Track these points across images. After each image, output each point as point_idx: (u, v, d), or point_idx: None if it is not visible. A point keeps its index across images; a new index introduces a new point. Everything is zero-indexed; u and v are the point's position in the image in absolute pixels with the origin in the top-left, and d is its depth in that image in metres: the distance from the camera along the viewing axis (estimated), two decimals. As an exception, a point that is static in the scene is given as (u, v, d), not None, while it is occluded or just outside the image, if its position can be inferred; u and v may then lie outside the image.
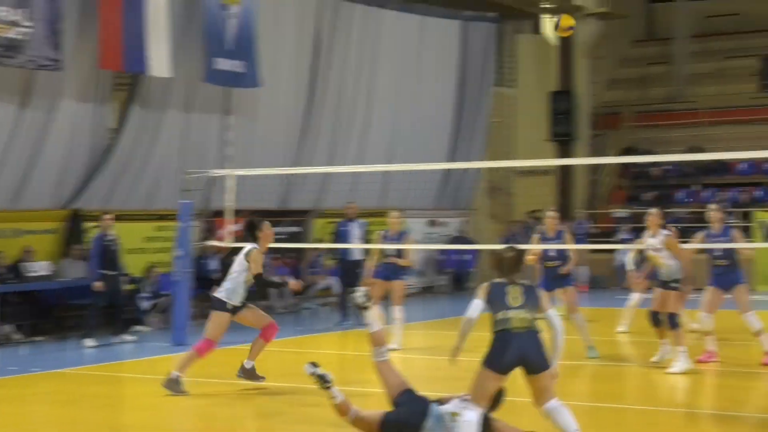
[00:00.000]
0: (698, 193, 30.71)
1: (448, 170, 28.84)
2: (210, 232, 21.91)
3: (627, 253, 18.58)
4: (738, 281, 14.79)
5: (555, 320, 9.17)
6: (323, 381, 9.10)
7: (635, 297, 18.46)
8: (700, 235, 14.97)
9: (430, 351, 16.67)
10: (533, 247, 15.46)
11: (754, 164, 31.33)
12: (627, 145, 32.48)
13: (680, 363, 13.82)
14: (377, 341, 9.48)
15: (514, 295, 8.96)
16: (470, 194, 30.33)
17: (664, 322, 14.33)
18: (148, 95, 21.92)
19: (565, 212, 28.85)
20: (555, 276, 15.50)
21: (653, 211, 14.70)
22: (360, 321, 16.88)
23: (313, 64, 25.51)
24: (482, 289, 9.17)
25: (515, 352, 8.67)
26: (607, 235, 28.74)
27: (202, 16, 22.09)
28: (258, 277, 12.54)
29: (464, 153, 29.68)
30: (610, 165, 31.78)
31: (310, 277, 23.50)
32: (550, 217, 15.83)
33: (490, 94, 30.91)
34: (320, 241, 24.40)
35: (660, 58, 35.13)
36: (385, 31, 27.35)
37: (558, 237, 15.63)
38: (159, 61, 20.77)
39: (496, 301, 8.99)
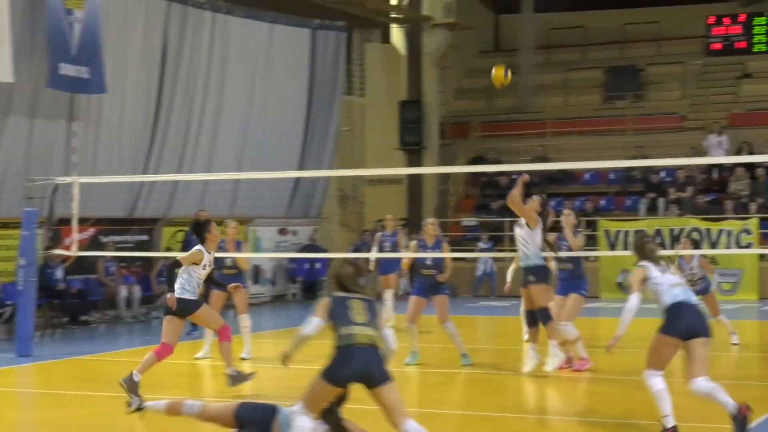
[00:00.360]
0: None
1: (298, 178, 28.74)
2: (55, 240, 21.32)
3: (487, 261, 18.85)
4: (577, 289, 14.82)
5: (390, 339, 9.15)
6: (139, 409, 9.51)
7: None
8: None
9: (279, 360, 16.42)
10: (407, 255, 15.81)
11: (599, 174, 32.00)
12: (475, 154, 32.85)
13: (554, 358, 14.07)
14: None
15: (358, 310, 8.78)
16: (321, 202, 30.29)
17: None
18: (-11, 100, 21.31)
19: (415, 221, 29.06)
20: (430, 284, 15.45)
21: (535, 198, 14.48)
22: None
23: (160, 70, 25.13)
24: (322, 306, 8.91)
25: (357, 367, 8.50)
26: (456, 243, 28.95)
27: (46, 21, 21.55)
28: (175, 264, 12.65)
29: (314, 161, 29.62)
30: (459, 174, 32.10)
31: (159, 286, 23.10)
32: (430, 224, 15.80)
33: (339, 103, 30.91)
34: (169, 249, 24.02)
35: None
36: (234, 38, 27.12)
37: (436, 246, 15.57)
38: (1, 65, 20.18)
39: (339, 315, 8.76)
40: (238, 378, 12.77)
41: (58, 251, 19.65)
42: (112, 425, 10.84)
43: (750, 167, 28.92)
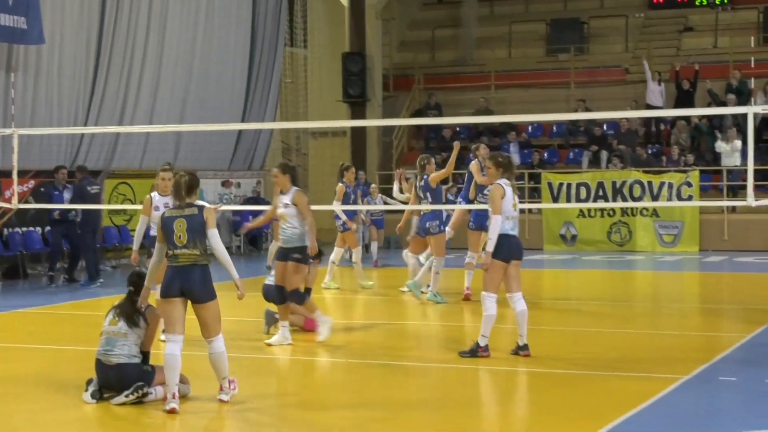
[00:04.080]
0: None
1: (241, 131, 28.58)
2: (-5, 193, 21.08)
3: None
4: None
5: (215, 241, 9.73)
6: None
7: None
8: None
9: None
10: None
11: (542, 127, 32.10)
12: (419, 106, 32.81)
13: (324, 329, 12.99)
14: None
15: (180, 232, 9.52)
16: (264, 155, 30.15)
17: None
18: (-76, 52, 20.94)
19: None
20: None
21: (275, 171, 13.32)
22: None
23: (100, 20, 24.77)
24: (158, 226, 9.74)
25: (179, 284, 9.41)
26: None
27: (-19, -31, 21.16)
28: None
29: (257, 113, 29.48)
30: (402, 126, 32.05)
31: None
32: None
33: (282, 55, 30.71)
34: (109, 202, 23.86)
35: (449, 22, 35.56)
36: (175, -12, 26.81)
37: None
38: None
39: (167, 236, 9.58)
40: None
41: (-2, 204, 19.40)
42: (62, 379, 10.78)
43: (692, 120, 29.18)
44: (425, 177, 16.47)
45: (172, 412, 9.20)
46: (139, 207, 13.26)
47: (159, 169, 13.07)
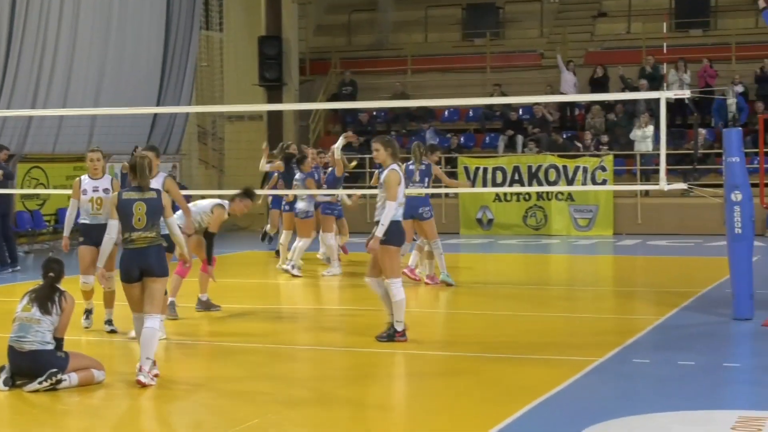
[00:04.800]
0: (405, 138, 31.30)
1: (156, 114, 28.28)
2: None
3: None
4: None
5: (175, 228, 10.30)
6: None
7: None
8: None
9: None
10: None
11: (458, 111, 32.22)
12: (335, 90, 32.73)
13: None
14: None
15: (140, 215, 9.77)
16: (179, 139, 29.91)
17: None
18: None
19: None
20: None
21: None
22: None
23: (11, 2, 24.33)
24: (112, 203, 10.04)
25: (138, 266, 9.75)
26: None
27: None
28: None
29: (172, 97, 29.20)
30: (319, 110, 31.97)
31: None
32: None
33: (197, 38, 30.45)
34: (22, 186, 23.50)
35: (366, 5, 35.50)
36: (89, -31, 26.43)
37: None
38: None
39: (124, 219, 9.82)
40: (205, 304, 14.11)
41: None
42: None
43: (606, 105, 29.50)
44: (427, 163, 16.64)
45: (156, 377, 9.72)
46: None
47: (87, 150, 12.72)
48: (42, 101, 25.03)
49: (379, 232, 11.44)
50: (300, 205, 18.00)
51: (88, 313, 12.72)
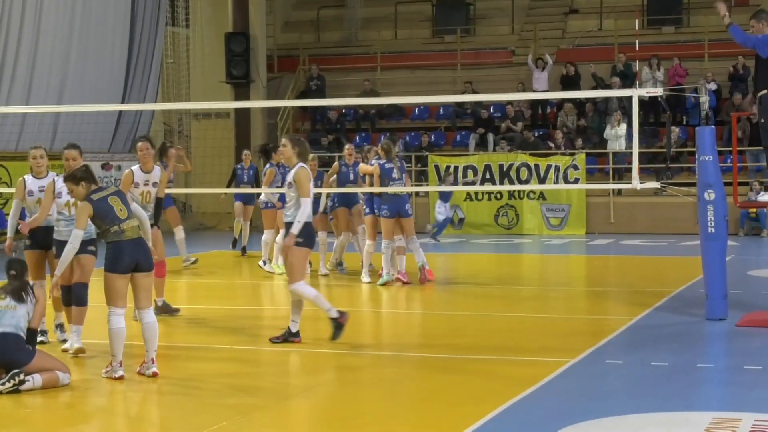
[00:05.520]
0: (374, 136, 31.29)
1: (122, 112, 28.15)
2: None
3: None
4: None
5: (140, 212, 10.62)
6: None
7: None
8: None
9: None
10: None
11: (428, 109, 32.20)
12: (304, 88, 32.65)
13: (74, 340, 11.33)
14: None
15: (119, 206, 9.94)
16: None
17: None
18: None
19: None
20: None
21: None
22: None
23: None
24: (84, 212, 9.92)
25: (133, 257, 9.88)
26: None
27: None
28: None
29: (138, 94, 29.07)
30: (288, 108, 31.88)
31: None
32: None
33: (163, 34, 30.31)
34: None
35: (334, 1, 35.42)
36: (52, -36, 26.27)
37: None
38: None
39: (105, 215, 9.88)
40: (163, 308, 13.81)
41: None
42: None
43: (578, 103, 29.57)
44: (401, 159, 16.97)
45: (121, 378, 9.80)
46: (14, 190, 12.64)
47: (30, 148, 12.14)
48: (4, 98, 24.87)
49: (295, 229, 11.30)
50: (262, 197, 18.46)
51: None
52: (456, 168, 27.73)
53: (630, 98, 17.82)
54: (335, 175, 18.00)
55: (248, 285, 18.05)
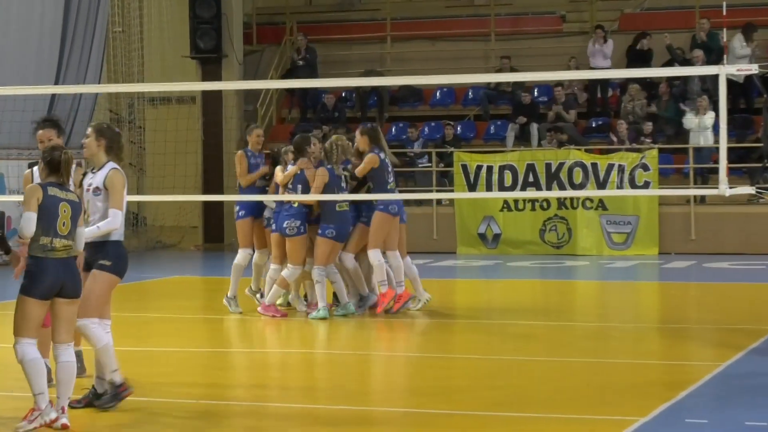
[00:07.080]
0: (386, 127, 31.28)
1: (55, 96, 28.15)
2: None
3: None
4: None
5: (82, 238, 10.36)
6: None
7: None
8: None
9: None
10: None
11: (453, 92, 32.12)
12: (290, 65, 32.63)
13: None
14: None
15: (65, 218, 10.06)
16: (84, 128, 29.73)
17: None
18: None
19: (216, 150, 29.32)
20: None
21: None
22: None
23: None
24: (34, 195, 9.97)
25: (60, 280, 10.00)
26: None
27: None
28: None
29: (75, 73, 29.10)
30: (270, 91, 31.86)
31: None
32: None
33: (108, -3, 30.47)
34: None
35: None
36: None
37: None
38: None
39: (47, 220, 9.97)
40: None
41: None
42: None
43: (648, 84, 29.50)
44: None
45: (64, 426, 9.95)
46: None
47: None
48: None
49: (90, 232, 10.78)
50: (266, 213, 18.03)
51: None
52: (489, 168, 27.64)
53: (715, 78, 17.73)
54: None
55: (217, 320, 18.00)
